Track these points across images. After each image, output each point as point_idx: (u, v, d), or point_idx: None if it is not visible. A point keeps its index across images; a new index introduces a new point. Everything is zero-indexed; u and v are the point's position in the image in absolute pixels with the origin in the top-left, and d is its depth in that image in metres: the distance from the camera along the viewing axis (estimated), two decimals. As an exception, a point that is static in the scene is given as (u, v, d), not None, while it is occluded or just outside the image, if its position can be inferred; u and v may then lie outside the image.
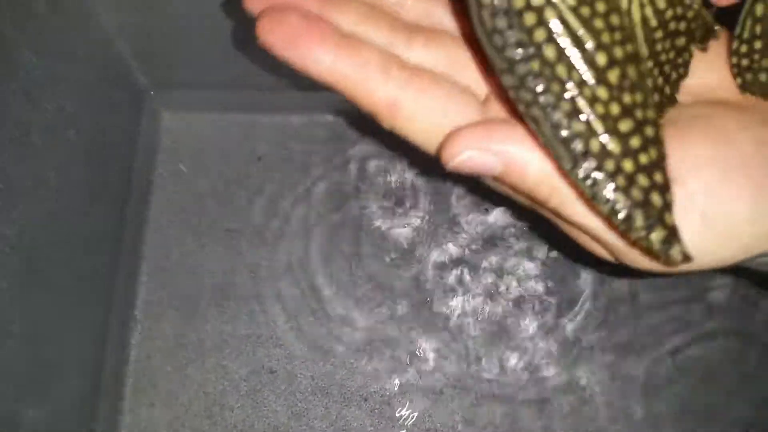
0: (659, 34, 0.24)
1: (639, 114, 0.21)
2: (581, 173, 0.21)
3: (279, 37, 0.23)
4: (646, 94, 0.22)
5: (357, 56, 0.24)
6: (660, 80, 0.24)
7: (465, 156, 0.23)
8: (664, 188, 0.21)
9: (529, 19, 0.21)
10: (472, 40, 0.26)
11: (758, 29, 0.25)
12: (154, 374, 0.47)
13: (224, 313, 0.49)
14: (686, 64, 0.25)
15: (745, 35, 0.25)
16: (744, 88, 0.25)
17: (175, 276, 0.49)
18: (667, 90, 0.24)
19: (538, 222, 0.33)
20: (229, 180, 0.52)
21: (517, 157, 0.23)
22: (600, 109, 0.21)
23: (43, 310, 0.37)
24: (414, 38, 0.26)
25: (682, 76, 0.25)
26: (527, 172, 0.23)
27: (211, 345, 0.48)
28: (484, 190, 0.28)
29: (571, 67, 0.21)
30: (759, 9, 0.25)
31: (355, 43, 0.24)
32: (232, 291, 0.49)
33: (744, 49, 0.25)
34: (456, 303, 0.48)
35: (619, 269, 0.26)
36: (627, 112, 0.21)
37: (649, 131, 0.21)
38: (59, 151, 0.38)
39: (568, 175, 0.21)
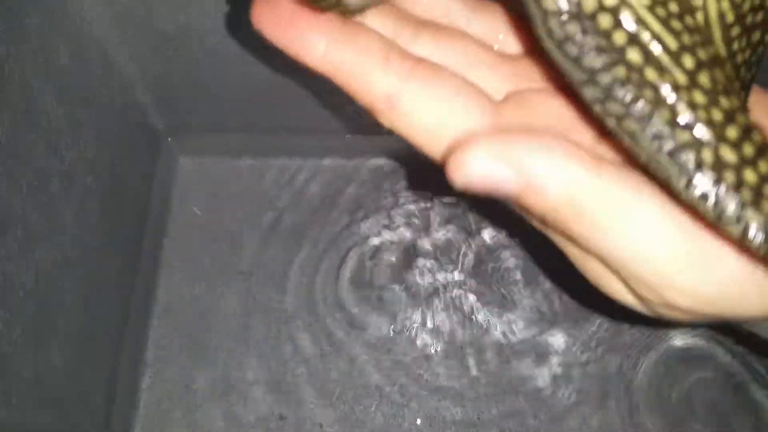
0: (736, 30, 0.21)
1: (741, 119, 0.19)
2: (698, 190, 0.18)
3: (271, 21, 0.21)
4: (740, 96, 0.20)
5: (354, 43, 0.21)
6: (737, 85, 0.21)
7: (478, 170, 0.19)
8: None
9: (605, 21, 0.18)
10: (541, 58, 0.23)
11: None
12: (163, 420, 0.47)
13: (234, 357, 0.49)
14: (759, 62, 0.22)
15: None
16: None
17: (186, 319, 0.50)
18: (743, 95, 0.22)
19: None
20: (242, 223, 0.52)
21: (540, 173, 0.19)
22: (703, 114, 0.18)
23: (55, 356, 0.37)
24: (422, 30, 0.23)
25: (754, 77, 0.22)
26: (548, 192, 0.20)
27: (221, 390, 0.48)
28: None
29: (662, 69, 0.18)
30: None
31: (353, 29, 0.21)
32: (243, 334, 0.49)
33: None
34: (472, 360, 0.48)
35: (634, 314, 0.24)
36: (730, 117, 0.19)
37: (758, 137, 0.19)
38: (77, 197, 0.39)
39: (681, 195, 0.18)
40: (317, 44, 0.21)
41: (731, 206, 0.18)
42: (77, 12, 0.38)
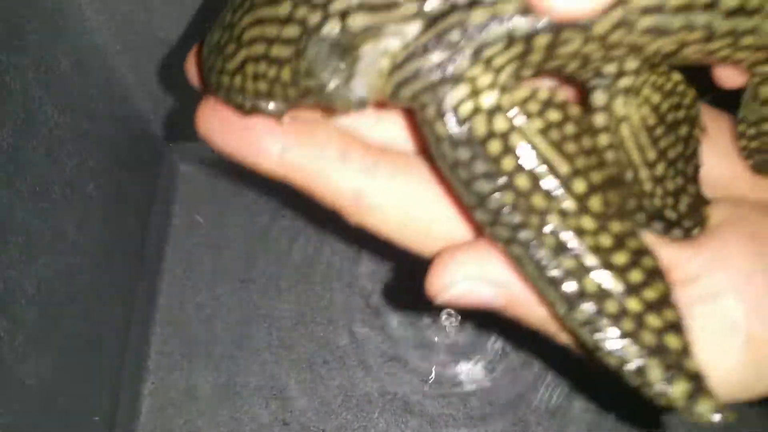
0: (660, 130, 0.21)
1: (633, 244, 0.19)
2: (579, 318, 0.18)
3: (217, 127, 0.20)
4: (634, 220, 0.20)
5: (311, 139, 0.20)
6: (679, 180, 0.21)
7: (459, 289, 0.19)
8: (679, 328, 0.18)
9: (495, 146, 0.18)
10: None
11: (765, 111, 0.23)
12: (166, 427, 0.47)
13: (237, 364, 0.49)
14: (696, 153, 0.22)
15: (752, 117, 0.23)
16: (757, 170, 0.24)
17: (189, 326, 0.50)
18: (692, 189, 0.21)
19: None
20: (244, 230, 0.52)
21: (523, 293, 0.19)
22: (589, 241, 0.18)
23: (57, 363, 0.37)
24: (384, 116, 0.22)
25: (698, 168, 0.22)
26: (534, 309, 0.19)
27: (224, 397, 0.48)
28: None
29: (549, 196, 0.18)
30: (764, 91, 0.23)
31: (308, 125, 0.20)
32: (246, 342, 0.49)
33: (752, 131, 0.23)
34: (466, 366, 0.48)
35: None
36: (620, 242, 0.19)
37: (649, 262, 0.19)
38: (78, 205, 0.39)
39: (564, 321, 0.18)
40: (271, 148, 0.20)
41: (609, 339, 0.18)
42: (78, 20, 0.38)
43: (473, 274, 0.19)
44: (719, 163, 0.23)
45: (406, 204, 0.21)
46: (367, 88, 0.18)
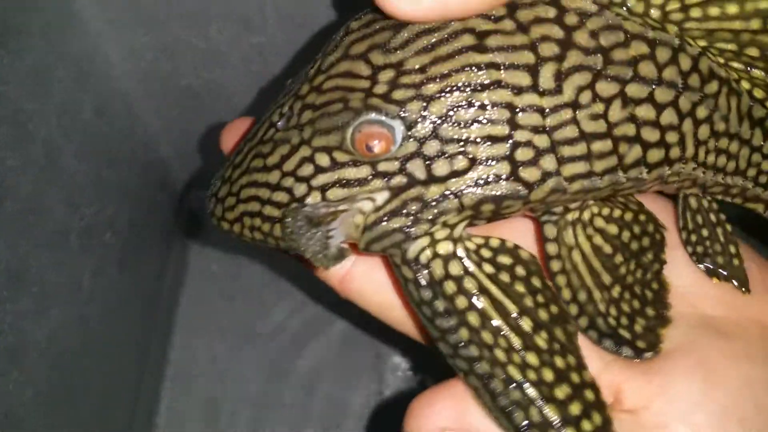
0: (619, 258, 0.23)
1: (575, 377, 0.21)
2: None
3: None
4: (579, 355, 0.21)
5: None
6: (637, 303, 0.23)
7: None
8: None
9: (450, 288, 0.21)
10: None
11: (699, 219, 0.25)
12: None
13: (251, 426, 0.47)
14: (658, 277, 0.24)
15: (690, 225, 0.25)
16: (711, 274, 0.25)
17: (201, 382, 0.48)
18: (651, 311, 0.23)
19: None
20: (261, 281, 0.51)
21: None
22: (532, 375, 0.20)
23: (68, 419, 0.36)
24: None
25: (663, 290, 0.24)
26: None
27: (235, 456, 0.46)
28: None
29: (496, 333, 0.21)
30: (692, 201, 0.25)
31: None
32: (258, 399, 0.48)
33: (693, 237, 0.25)
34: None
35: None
36: (562, 376, 0.21)
37: (590, 395, 0.21)
38: (95, 254, 0.38)
39: None
40: None
41: None
42: (103, 67, 0.38)
43: (449, 425, 0.21)
44: (687, 279, 0.25)
45: (383, 289, 0.24)
46: (342, 247, 0.21)
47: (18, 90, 0.31)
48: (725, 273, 0.25)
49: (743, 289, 0.25)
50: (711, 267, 0.25)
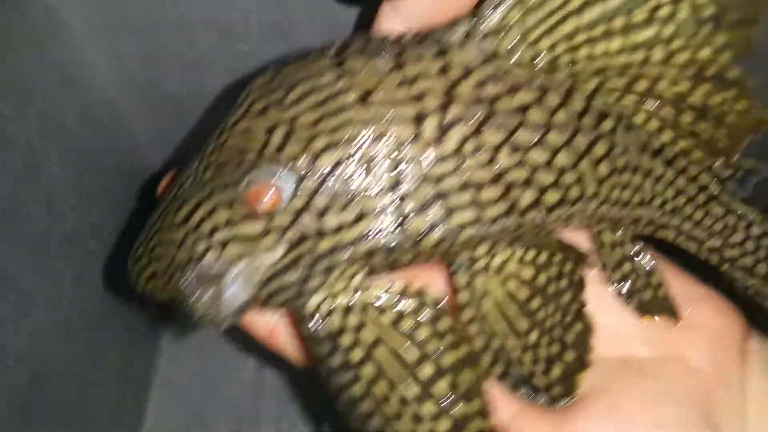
0: (536, 302, 0.23)
1: (476, 425, 0.21)
2: None
3: None
4: (484, 400, 0.21)
5: None
6: (555, 347, 0.23)
7: None
8: None
9: (346, 340, 0.21)
10: None
11: (616, 254, 0.25)
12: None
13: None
14: (581, 318, 0.24)
15: (610, 263, 0.25)
16: (640, 311, 0.25)
17: (189, 393, 0.48)
18: (570, 355, 0.23)
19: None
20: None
21: None
22: (425, 427, 0.20)
23: (44, 430, 0.35)
24: None
25: (586, 332, 0.24)
26: None
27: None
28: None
29: (391, 385, 0.20)
30: (606, 237, 0.25)
31: None
32: (252, 415, 0.47)
33: (616, 275, 0.25)
34: None
35: None
36: (459, 425, 0.21)
37: None
38: (78, 261, 0.38)
39: None
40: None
41: None
42: (88, 75, 0.38)
43: None
44: (614, 318, 0.25)
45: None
46: (244, 302, 0.21)
47: (-3, 94, 0.31)
48: (652, 309, 0.25)
49: (674, 319, 0.25)
50: (637, 305, 0.25)
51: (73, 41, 0.36)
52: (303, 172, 0.21)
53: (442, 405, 0.20)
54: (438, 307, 0.22)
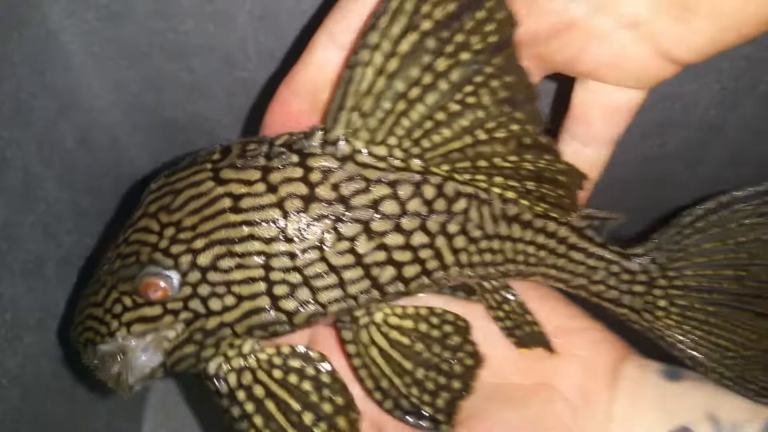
0: (420, 345, 0.27)
1: None
2: None
3: None
4: None
5: None
6: (442, 379, 0.27)
7: None
8: None
9: (241, 395, 0.25)
10: None
11: (497, 297, 0.29)
12: None
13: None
14: (472, 354, 0.28)
15: (493, 304, 0.29)
16: (520, 345, 0.29)
17: (181, 414, 0.48)
18: (457, 384, 0.27)
19: None
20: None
21: None
22: None
23: (35, 449, 0.35)
24: None
25: (475, 365, 0.28)
26: None
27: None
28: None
29: (280, 430, 0.25)
30: (486, 284, 0.29)
31: None
32: None
33: (500, 314, 0.29)
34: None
35: None
36: None
37: None
38: (72, 282, 0.38)
39: None
40: None
41: None
42: (87, 99, 0.38)
43: None
44: (500, 351, 0.28)
45: None
46: (150, 368, 0.25)
47: (-4, 117, 0.31)
48: (528, 342, 0.29)
49: (548, 350, 0.29)
50: (516, 339, 0.29)
51: (73, 66, 0.37)
52: (185, 269, 0.25)
53: None
54: (319, 364, 0.26)
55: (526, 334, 0.29)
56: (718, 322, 0.30)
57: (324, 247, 0.24)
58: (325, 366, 0.26)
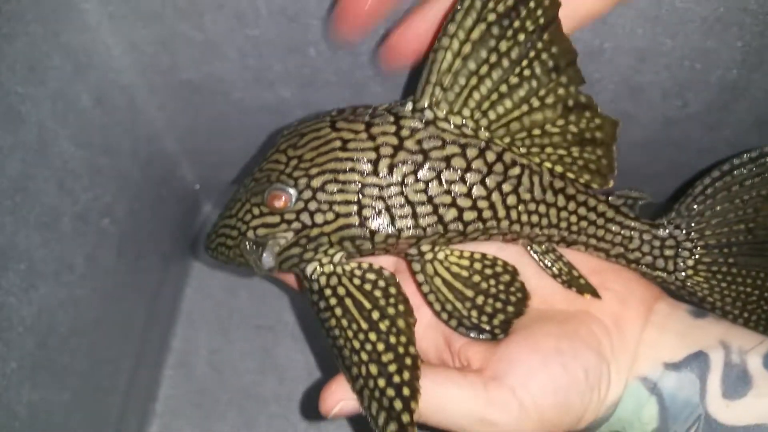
0: (477, 278, 0.33)
1: (401, 350, 0.30)
2: (357, 389, 0.30)
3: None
4: (410, 336, 0.31)
5: None
6: (499, 304, 0.33)
7: (338, 408, 0.31)
8: (406, 399, 0.29)
9: (328, 292, 0.32)
10: None
11: (549, 258, 0.34)
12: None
13: (244, 414, 0.47)
14: (521, 289, 0.33)
15: (547, 263, 0.34)
16: (567, 286, 0.34)
17: (200, 372, 0.49)
18: (511, 308, 0.33)
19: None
20: (264, 277, 0.52)
21: None
22: (368, 347, 0.30)
23: (53, 396, 0.37)
24: None
25: (525, 297, 0.33)
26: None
27: (227, 447, 0.46)
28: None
29: (350, 320, 0.31)
30: (537, 247, 0.34)
31: None
32: (255, 391, 0.48)
33: (555, 270, 0.34)
34: None
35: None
36: (390, 348, 0.30)
37: (408, 361, 0.30)
38: (89, 239, 0.39)
39: (357, 394, 0.30)
40: None
41: (366, 400, 0.30)
42: (103, 59, 0.39)
43: (341, 396, 0.31)
44: (547, 288, 0.34)
45: None
46: (270, 263, 0.32)
47: (9, 73, 0.32)
48: (582, 290, 0.34)
49: (597, 297, 0.34)
50: (567, 281, 0.34)
51: (89, 27, 0.38)
52: (301, 188, 0.31)
53: (381, 336, 0.30)
54: (389, 279, 0.32)
55: (580, 285, 0.34)
56: (739, 271, 0.36)
57: (404, 184, 0.31)
58: (392, 281, 0.32)
